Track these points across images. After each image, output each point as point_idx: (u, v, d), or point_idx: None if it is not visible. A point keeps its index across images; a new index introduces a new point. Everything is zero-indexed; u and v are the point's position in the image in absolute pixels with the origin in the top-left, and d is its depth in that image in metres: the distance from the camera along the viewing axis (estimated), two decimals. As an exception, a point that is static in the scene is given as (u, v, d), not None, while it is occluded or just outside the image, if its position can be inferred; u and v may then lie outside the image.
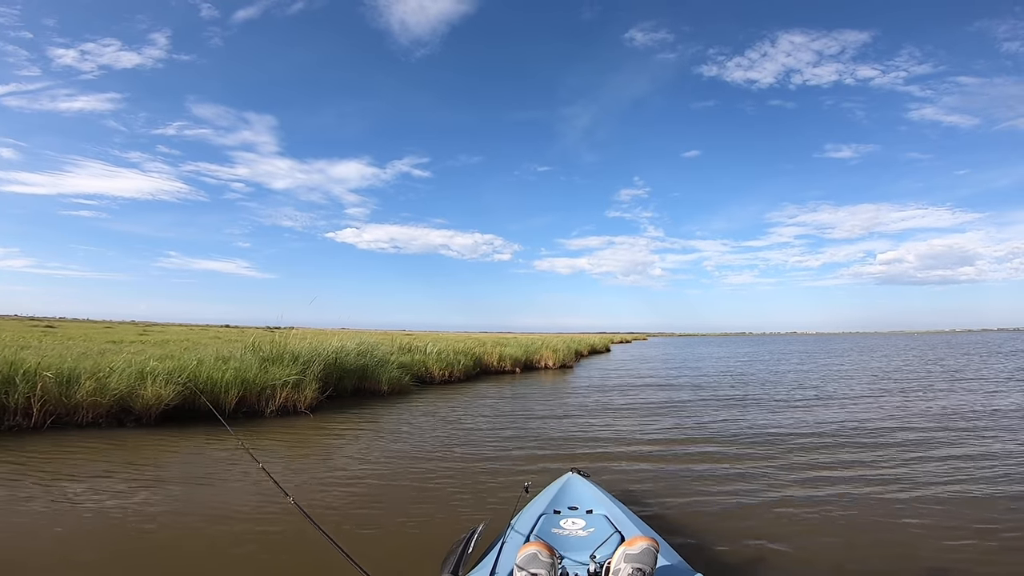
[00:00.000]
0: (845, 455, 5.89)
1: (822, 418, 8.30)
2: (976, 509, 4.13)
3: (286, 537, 3.47)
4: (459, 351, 15.45)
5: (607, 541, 2.29)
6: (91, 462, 5.17)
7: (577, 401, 10.67)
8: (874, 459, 5.70)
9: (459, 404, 9.96)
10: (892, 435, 6.94)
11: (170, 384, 6.81)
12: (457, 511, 4.05)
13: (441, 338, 24.31)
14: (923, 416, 8.35)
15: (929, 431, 7.14)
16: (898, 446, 6.31)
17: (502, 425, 7.74)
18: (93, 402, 6.22)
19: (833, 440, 6.64)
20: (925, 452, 6.01)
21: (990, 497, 4.40)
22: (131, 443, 5.89)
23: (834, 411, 9.02)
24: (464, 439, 6.74)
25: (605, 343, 42.01)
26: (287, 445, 6.27)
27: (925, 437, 6.77)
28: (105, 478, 4.68)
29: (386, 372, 10.63)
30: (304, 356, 8.70)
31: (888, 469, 5.33)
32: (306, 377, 8.22)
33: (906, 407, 9.34)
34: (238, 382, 7.53)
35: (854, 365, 20.99)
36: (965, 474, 5.09)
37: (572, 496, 2.98)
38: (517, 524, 2.58)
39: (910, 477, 5.03)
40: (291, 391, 7.92)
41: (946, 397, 10.57)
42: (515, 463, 5.52)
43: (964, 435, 6.85)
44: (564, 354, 20.78)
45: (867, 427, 7.50)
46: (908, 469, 5.31)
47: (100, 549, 3.29)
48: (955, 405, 9.44)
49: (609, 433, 7.22)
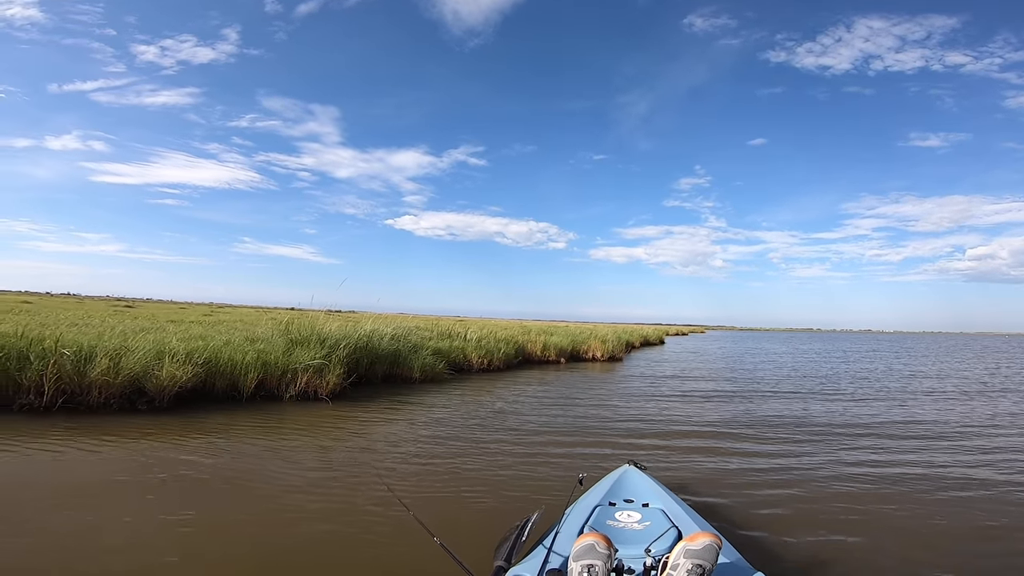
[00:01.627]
0: (910, 454, 5.67)
1: (886, 416, 7.37)
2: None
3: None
4: (501, 339, 14.81)
5: (664, 535, 2.23)
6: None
7: (623, 394, 9.95)
8: (943, 458, 5.61)
9: (493, 394, 9.33)
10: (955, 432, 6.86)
11: (187, 365, 6.53)
12: (493, 504, 3.84)
13: (490, 324, 23.92)
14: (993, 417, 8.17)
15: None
16: (963, 441, 6.26)
17: (538, 417, 7.28)
18: (105, 382, 5.99)
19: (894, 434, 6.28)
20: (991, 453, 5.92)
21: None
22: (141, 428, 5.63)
23: (905, 409, 7.82)
24: (493, 431, 6.25)
25: (659, 335, 40.27)
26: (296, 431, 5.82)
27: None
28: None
29: (419, 359, 10.11)
30: (332, 339, 8.28)
31: (954, 467, 5.30)
32: (331, 361, 7.78)
33: (979, 409, 8.98)
34: (259, 364, 7.20)
35: (938, 369, 18.57)
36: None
37: (628, 489, 2.93)
38: (571, 515, 2.55)
39: (976, 476, 5.02)
40: (313, 375, 7.51)
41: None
42: (549, 457, 5.24)
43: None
44: (613, 345, 19.58)
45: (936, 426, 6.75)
46: (975, 468, 5.28)
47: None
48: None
49: (656, 427, 6.92)
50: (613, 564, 1.80)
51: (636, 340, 28.61)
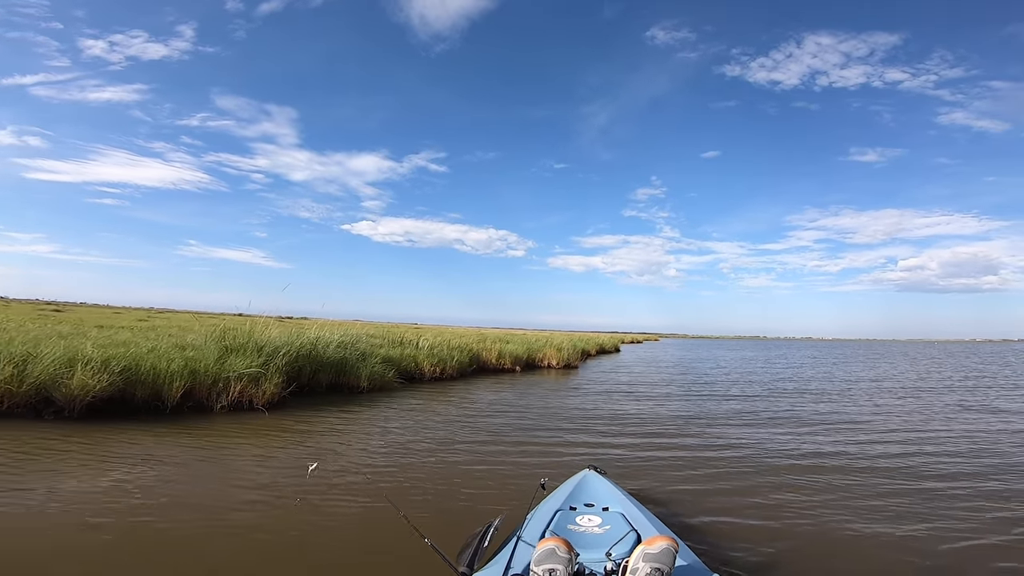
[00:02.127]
0: (857, 468, 5.42)
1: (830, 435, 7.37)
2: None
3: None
4: (454, 347, 14.54)
5: (623, 539, 2.25)
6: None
7: (578, 401, 9.94)
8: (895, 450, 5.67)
9: (446, 403, 9.12)
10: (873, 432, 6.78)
11: (103, 373, 5.96)
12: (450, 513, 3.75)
13: (446, 332, 23.59)
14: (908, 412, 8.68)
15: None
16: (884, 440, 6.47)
17: (493, 425, 7.13)
18: (7, 391, 5.38)
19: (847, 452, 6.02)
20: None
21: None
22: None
23: (843, 407, 8.06)
24: (446, 440, 6.07)
25: (615, 343, 40.83)
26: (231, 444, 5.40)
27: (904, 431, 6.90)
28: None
29: (367, 367, 9.74)
30: (270, 347, 7.82)
31: (887, 461, 5.59)
32: (268, 370, 7.33)
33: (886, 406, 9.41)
34: (186, 373, 6.68)
35: (861, 372, 19.75)
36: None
37: (588, 493, 2.94)
38: (533, 520, 2.56)
39: (897, 470, 5.34)
40: (248, 385, 7.05)
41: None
42: (506, 464, 5.12)
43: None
44: (569, 353, 19.68)
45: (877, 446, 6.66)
46: (899, 462, 5.63)
47: None
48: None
49: (610, 431, 6.93)
50: (574, 568, 1.82)
51: (592, 348, 28.88)
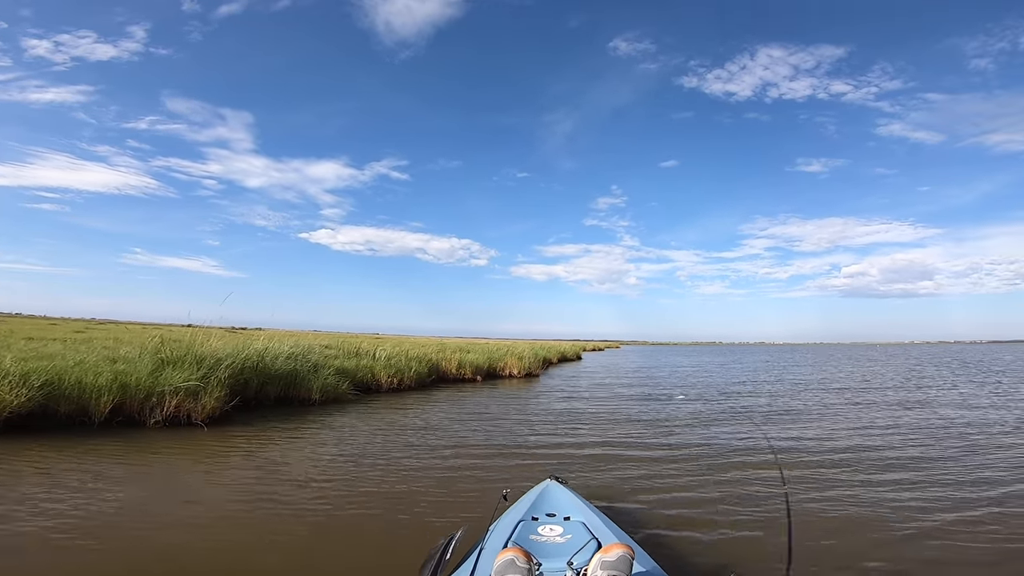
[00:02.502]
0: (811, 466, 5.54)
1: (782, 434, 7.65)
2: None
3: None
4: (413, 357, 14.27)
5: (584, 548, 2.25)
6: None
7: (538, 409, 9.91)
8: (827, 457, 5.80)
9: (403, 414, 8.92)
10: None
11: (21, 387, 5.51)
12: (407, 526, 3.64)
13: (407, 342, 23.17)
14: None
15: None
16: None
17: (452, 435, 7.00)
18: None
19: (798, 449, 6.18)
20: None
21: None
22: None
23: (801, 426, 8.40)
24: (404, 451, 5.93)
25: (576, 351, 41.26)
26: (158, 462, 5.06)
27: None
28: None
29: (319, 379, 9.41)
30: (212, 359, 7.42)
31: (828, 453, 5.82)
32: (209, 383, 6.96)
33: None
34: (116, 386, 6.25)
35: (806, 376, 20.72)
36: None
37: (550, 503, 2.95)
38: (495, 531, 2.53)
39: (844, 463, 5.62)
40: (185, 399, 6.67)
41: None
42: (465, 475, 5.02)
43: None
44: (530, 362, 19.65)
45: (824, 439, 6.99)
46: (846, 456, 5.93)
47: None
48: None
49: (570, 440, 6.87)
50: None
51: (554, 356, 29.02)
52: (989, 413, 9.38)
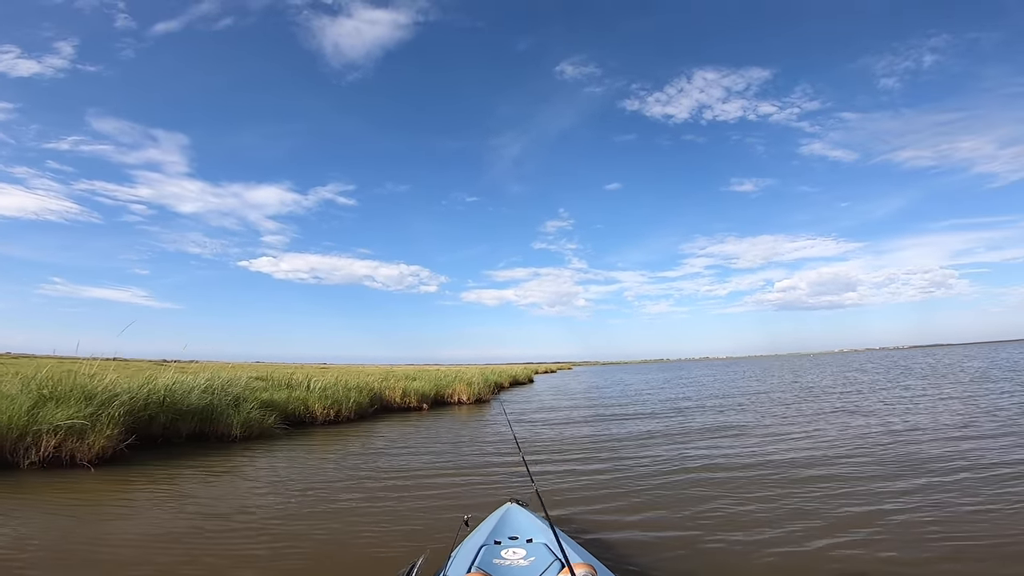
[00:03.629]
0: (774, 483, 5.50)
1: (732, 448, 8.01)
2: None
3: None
4: (352, 386, 13.39)
5: (548, 569, 2.28)
6: None
7: (486, 436, 9.49)
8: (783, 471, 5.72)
9: (336, 448, 8.21)
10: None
11: None
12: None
13: (353, 371, 22.07)
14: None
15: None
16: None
17: (379, 468, 6.43)
18: None
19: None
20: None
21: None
22: None
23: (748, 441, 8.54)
24: (319, 492, 5.27)
25: (528, 374, 40.92)
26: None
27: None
28: None
29: (240, 413, 8.49)
30: (105, 394, 6.48)
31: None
32: (99, 420, 6.04)
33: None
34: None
35: (738, 387, 21.53)
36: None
37: (512, 526, 2.94)
38: (458, 557, 2.52)
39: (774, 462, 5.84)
40: (69, 438, 5.75)
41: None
42: (403, 512, 4.50)
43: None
44: (480, 387, 19.00)
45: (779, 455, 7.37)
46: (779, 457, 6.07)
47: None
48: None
49: (516, 468, 6.43)
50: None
51: (505, 380, 28.55)
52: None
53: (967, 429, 7.58)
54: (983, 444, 6.50)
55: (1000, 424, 7.89)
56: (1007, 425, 7.75)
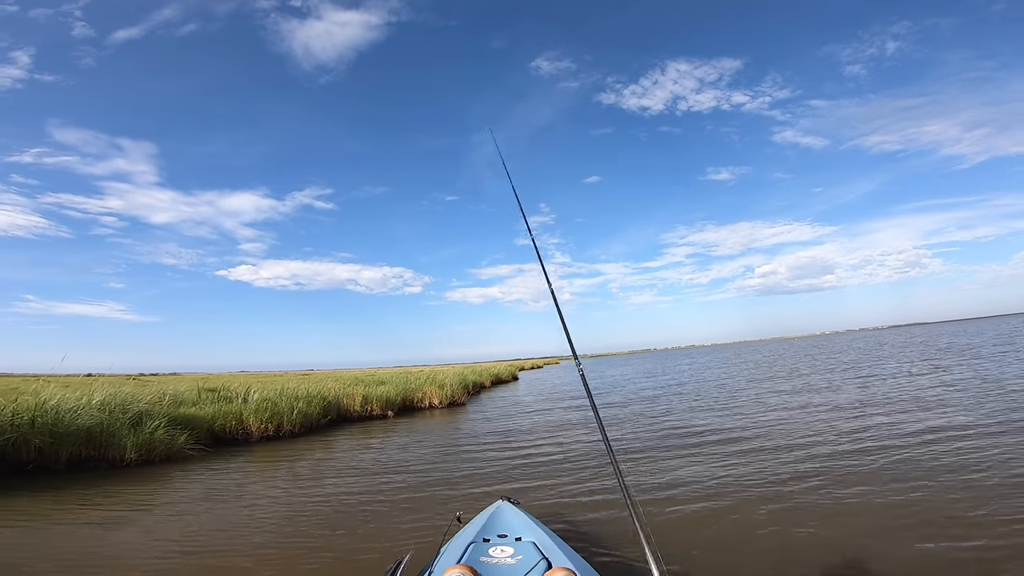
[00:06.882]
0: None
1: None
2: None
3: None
4: (301, 396, 12.10)
5: (534, 568, 2.25)
6: None
7: (456, 446, 8.32)
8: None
9: (254, 473, 6.93)
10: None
11: None
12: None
13: (332, 376, 21.21)
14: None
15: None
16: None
17: (311, 496, 5.42)
18: None
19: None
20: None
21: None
22: None
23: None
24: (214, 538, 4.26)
25: (512, 371, 39.55)
26: None
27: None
28: None
29: (140, 433, 7.20)
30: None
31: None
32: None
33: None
34: None
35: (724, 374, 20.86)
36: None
37: (502, 524, 2.91)
38: (446, 553, 2.50)
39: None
40: None
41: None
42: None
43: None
44: (453, 389, 17.37)
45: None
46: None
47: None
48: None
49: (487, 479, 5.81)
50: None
51: (487, 379, 27.21)
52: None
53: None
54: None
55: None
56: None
